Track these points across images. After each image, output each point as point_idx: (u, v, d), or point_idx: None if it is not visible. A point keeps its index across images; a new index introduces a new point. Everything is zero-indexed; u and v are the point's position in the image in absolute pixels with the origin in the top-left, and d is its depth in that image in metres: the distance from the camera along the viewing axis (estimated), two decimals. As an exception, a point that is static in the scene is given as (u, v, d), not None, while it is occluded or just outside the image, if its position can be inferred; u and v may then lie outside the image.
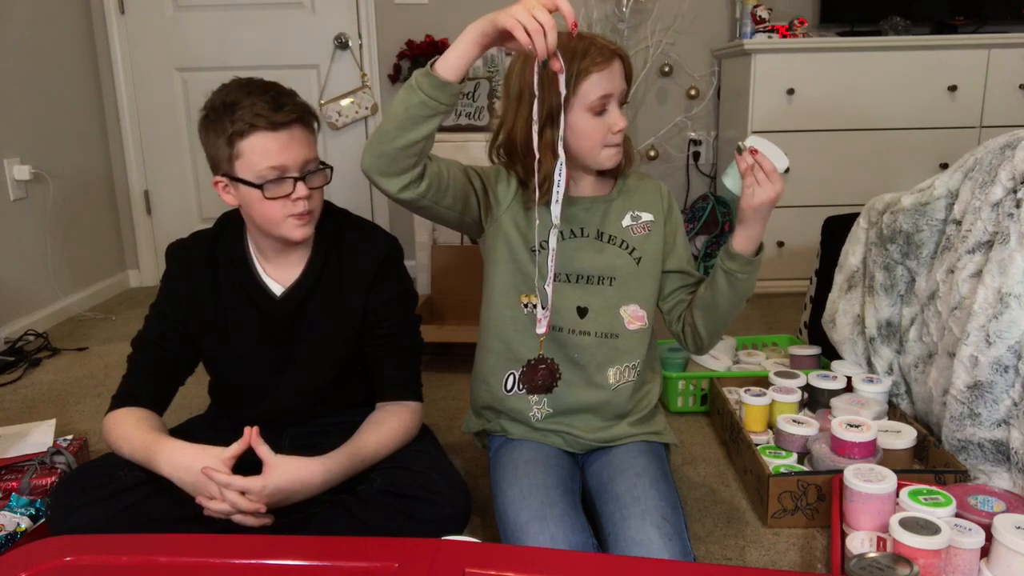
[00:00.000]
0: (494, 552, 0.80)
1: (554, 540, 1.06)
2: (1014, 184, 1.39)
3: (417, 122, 1.05)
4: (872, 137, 2.82)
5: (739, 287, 1.23)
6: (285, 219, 1.18)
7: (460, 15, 3.07)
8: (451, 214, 1.21)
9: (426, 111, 1.04)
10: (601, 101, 1.16)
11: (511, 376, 1.29)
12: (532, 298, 1.25)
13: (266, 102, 1.15)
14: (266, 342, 1.29)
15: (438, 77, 1.03)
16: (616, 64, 1.18)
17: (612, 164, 1.23)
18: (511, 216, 1.25)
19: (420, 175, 1.11)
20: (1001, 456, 1.37)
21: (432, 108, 1.04)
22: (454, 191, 1.18)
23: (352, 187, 3.29)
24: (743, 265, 1.22)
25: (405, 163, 1.08)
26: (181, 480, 1.11)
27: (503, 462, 1.25)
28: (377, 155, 1.08)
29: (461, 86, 1.06)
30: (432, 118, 1.05)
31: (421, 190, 1.12)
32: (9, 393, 2.13)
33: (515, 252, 1.25)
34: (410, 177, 1.10)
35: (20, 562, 0.74)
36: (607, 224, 1.27)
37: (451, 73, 1.04)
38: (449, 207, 1.19)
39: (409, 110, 1.05)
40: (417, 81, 1.04)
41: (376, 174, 1.10)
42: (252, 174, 1.16)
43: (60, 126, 2.89)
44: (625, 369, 1.28)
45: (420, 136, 1.06)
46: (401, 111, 1.05)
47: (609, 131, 1.18)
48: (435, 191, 1.14)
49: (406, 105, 1.05)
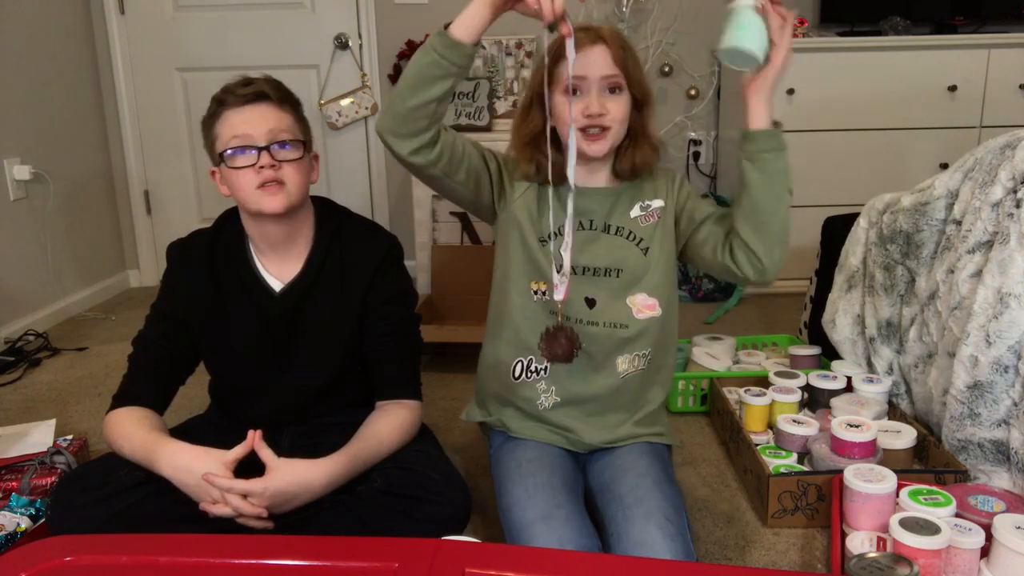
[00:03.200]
0: (494, 552, 0.80)
1: (561, 542, 1.06)
2: (1014, 184, 1.39)
3: (430, 81, 1.08)
4: (872, 137, 2.82)
5: (771, 169, 1.15)
6: (255, 190, 1.21)
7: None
8: (464, 191, 1.23)
9: (439, 71, 1.07)
10: (575, 83, 1.16)
11: (519, 363, 1.28)
12: (542, 285, 1.25)
13: (239, 84, 1.21)
14: (266, 340, 1.29)
15: (451, 37, 1.06)
16: (598, 48, 1.16)
17: (592, 152, 1.20)
18: (524, 203, 1.25)
19: (433, 140, 1.13)
20: (1001, 456, 1.37)
21: (444, 68, 1.07)
22: (467, 168, 1.20)
23: (352, 187, 3.30)
24: (769, 139, 1.15)
25: (418, 124, 1.10)
26: (182, 482, 1.11)
27: (505, 460, 1.25)
28: (391, 115, 1.11)
29: (475, 48, 1.09)
30: (444, 79, 1.08)
31: (432, 157, 1.14)
32: (9, 393, 2.13)
33: (526, 239, 1.25)
34: (422, 140, 1.12)
35: (20, 562, 0.74)
36: (615, 215, 1.27)
37: (465, 34, 1.07)
38: (462, 183, 1.21)
39: (422, 69, 1.08)
40: (431, 41, 1.07)
41: (389, 135, 1.12)
42: (223, 148, 1.21)
43: (60, 126, 2.89)
44: (635, 358, 1.28)
45: (433, 96, 1.08)
46: (415, 71, 1.08)
47: (582, 115, 1.17)
48: (447, 161, 1.16)
49: (419, 64, 1.08)
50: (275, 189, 1.21)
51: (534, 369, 1.27)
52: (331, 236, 1.30)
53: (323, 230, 1.30)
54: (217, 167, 1.25)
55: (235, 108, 1.20)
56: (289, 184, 1.22)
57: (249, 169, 1.20)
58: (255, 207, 1.22)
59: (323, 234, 1.30)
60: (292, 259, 1.29)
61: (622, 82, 1.18)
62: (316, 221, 1.31)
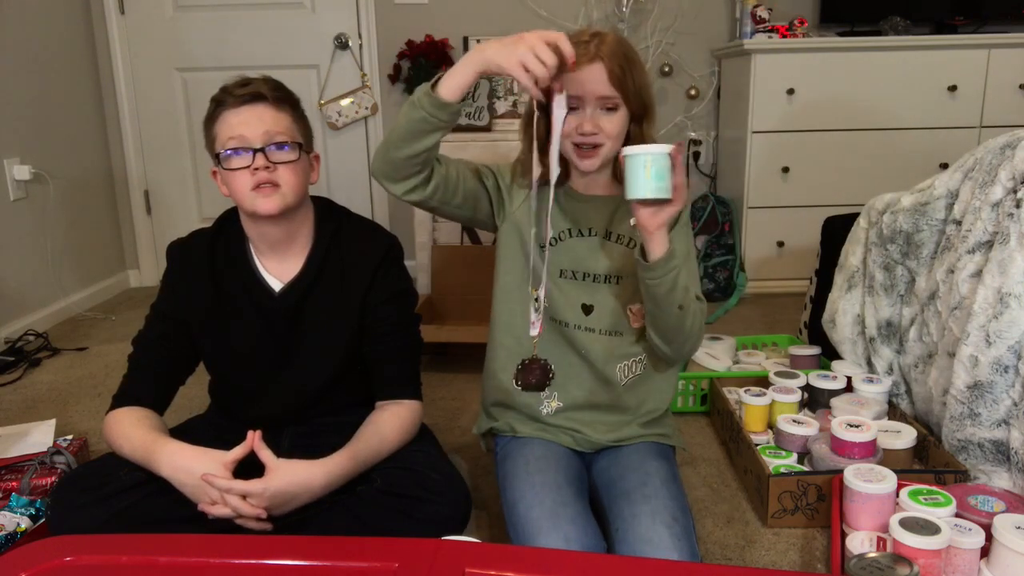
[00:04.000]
0: (494, 552, 0.80)
1: (567, 540, 1.06)
2: (1014, 184, 1.39)
3: (419, 135, 1.12)
4: (872, 137, 2.82)
5: (663, 292, 1.15)
6: (250, 192, 1.21)
7: (460, 15, 3.10)
8: (462, 213, 1.27)
9: (427, 126, 1.12)
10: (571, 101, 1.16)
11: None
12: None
13: (237, 84, 1.22)
14: (266, 340, 1.29)
15: (439, 97, 1.10)
16: (595, 67, 1.15)
17: (584, 168, 1.21)
18: (524, 212, 1.26)
19: (427, 179, 1.18)
20: (1001, 456, 1.37)
21: (433, 124, 1.11)
22: (464, 192, 1.24)
23: (352, 187, 3.30)
24: (662, 266, 1.13)
25: (410, 170, 1.16)
26: (181, 482, 1.11)
27: (513, 457, 1.26)
28: (384, 161, 1.16)
29: (461, 104, 1.13)
30: (433, 132, 1.13)
31: (427, 193, 1.19)
32: (9, 393, 2.13)
33: (526, 247, 1.26)
34: (415, 182, 1.17)
35: (20, 562, 0.74)
36: (615, 223, 1.27)
37: (451, 95, 1.10)
38: (459, 207, 1.25)
39: (411, 124, 1.12)
40: (419, 99, 1.11)
41: (383, 178, 1.18)
42: (220, 149, 1.21)
43: (60, 126, 2.89)
44: (632, 363, 1.29)
45: (423, 148, 1.13)
46: (404, 124, 1.12)
47: (576, 131, 1.17)
48: (442, 193, 1.21)
49: (408, 119, 1.12)
50: (270, 191, 1.20)
51: None
52: (331, 236, 1.30)
53: (323, 230, 1.30)
54: (217, 167, 1.25)
55: (232, 109, 1.20)
56: (284, 186, 1.22)
57: (244, 171, 1.20)
58: (250, 208, 1.22)
59: (323, 234, 1.30)
60: (292, 259, 1.29)
61: (618, 101, 1.18)
62: (316, 221, 1.31)
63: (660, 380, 1.33)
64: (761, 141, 2.83)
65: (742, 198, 2.90)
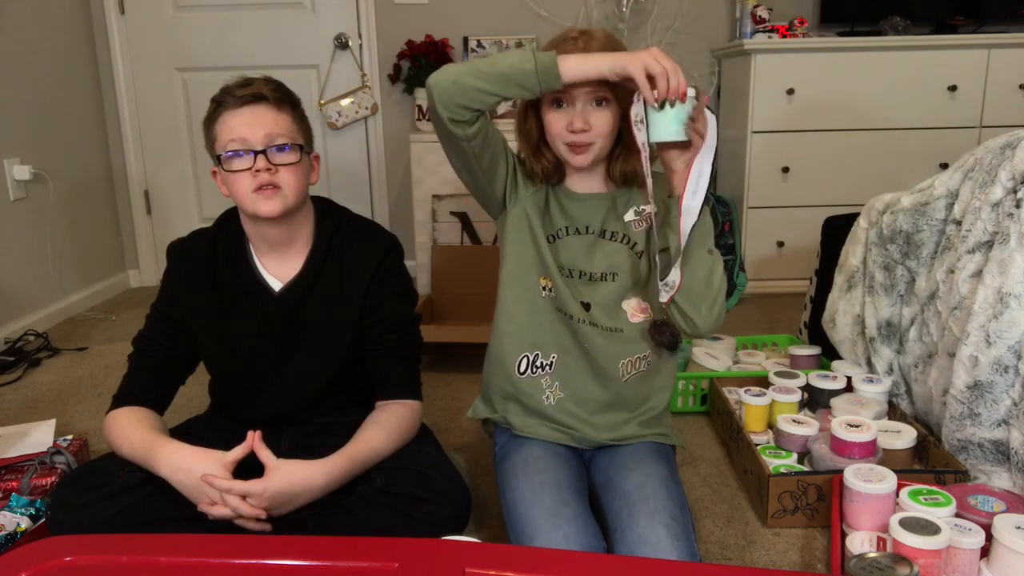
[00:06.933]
0: (494, 552, 0.80)
1: (567, 540, 1.06)
2: (1014, 184, 1.39)
3: (511, 86, 1.10)
4: (872, 137, 2.82)
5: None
6: (251, 194, 1.20)
7: (460, 15, 3.10)
8: (480, 176, 1.23)
9: (525, 83, 1.09)
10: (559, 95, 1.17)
11: (525, 358, 1.28)
12: (550, 281, 1.26)
13: (238, 84, 1.21)
14: (265, 339, 1.29)
15: (558, 70, 1.08)
16: None
17: (577, 164, 1.22)
18: (535, 201, 1.27)
19: (475, 120, 1.14)
20: (1001, 456, 1.37)
21: (530, 85, 1.10)
22: (492, 155, 1.21)
23: (352, 187, 3.30)
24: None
25: (471, 103, 1.11)
26: (180, 483, 1.11)
27: (512, 456, 1.25)
28: (454, 82, 1.10)
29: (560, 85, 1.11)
30: (523, 91, 1.11)
31: (470, 132, 1.14)
32: (9, 393, 2.13)
33: (536, 236, 1.26)
34: (467, 116, 1.13)
35: (20, 562, 0.74)
36: (609, 220, 1.27)
37: (569, 75, 1.10)
38: (484, 169, 1.22)
39: (512, 71, 1.09)
40: (540, 58, 1.09)
41: (441, 94, 1.11)
42: (221, 151, 1.21)
43: (60, 126, 2.89)
44: (636, 360, 1.29)
45: (503, 95, 1.11)
46: (506, 67, 1.10)
47: (566, 129, 1.18)
48: (480, 143, 1.17)
49: (512, 66, 1.09)
50: (271, 193, 1.20)
51: (539, 364, 1.28)
52: (331, 236, 1.30)
53: (323, 230, 1.30)
54: (217, 168, 1.25)
55: (233, 110, 1.20)
56: (285, 188, 1.21)
57: (245, 172, 1.20)
58: (251, 210, 1.22)
59: (323, 234, 1.30)
60: (292, 259, 1.29)
61: (608, 95, 1.18)
62: (316, 221, 1.31)
63: (660, 378, 1.33)
64: (761, 141, 2.83)
65: (742, 198, 2.90)
